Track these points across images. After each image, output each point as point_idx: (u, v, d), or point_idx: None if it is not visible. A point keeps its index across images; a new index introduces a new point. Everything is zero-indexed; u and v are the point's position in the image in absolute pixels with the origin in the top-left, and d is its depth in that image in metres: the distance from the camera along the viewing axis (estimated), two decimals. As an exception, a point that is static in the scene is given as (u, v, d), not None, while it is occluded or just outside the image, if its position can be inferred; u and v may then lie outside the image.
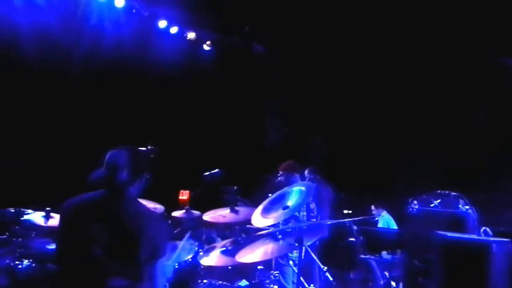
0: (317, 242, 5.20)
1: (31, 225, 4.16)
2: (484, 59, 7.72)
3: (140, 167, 2.80)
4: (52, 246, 4.07)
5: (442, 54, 7.91)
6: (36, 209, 4.29)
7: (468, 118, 8.08)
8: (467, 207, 4.46)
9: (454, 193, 4.65)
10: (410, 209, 4.64)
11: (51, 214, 4.16)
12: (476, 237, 3.75)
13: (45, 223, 4.15)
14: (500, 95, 7.78)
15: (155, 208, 4.33)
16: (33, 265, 4.00)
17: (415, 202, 4.66)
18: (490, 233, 4.01)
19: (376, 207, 8.04)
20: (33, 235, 4.22)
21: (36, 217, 4.23)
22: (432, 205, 4.68)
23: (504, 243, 3.46)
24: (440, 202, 4.67)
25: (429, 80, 8.21)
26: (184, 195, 6.17)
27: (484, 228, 4.09)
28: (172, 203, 5.67)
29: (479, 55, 7.75)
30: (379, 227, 7.69)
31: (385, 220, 7.86)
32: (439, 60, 7.99)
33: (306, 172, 6.10)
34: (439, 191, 4.73)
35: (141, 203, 2.83)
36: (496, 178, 7.47)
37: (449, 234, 3.67)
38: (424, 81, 8.27)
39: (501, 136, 7.66)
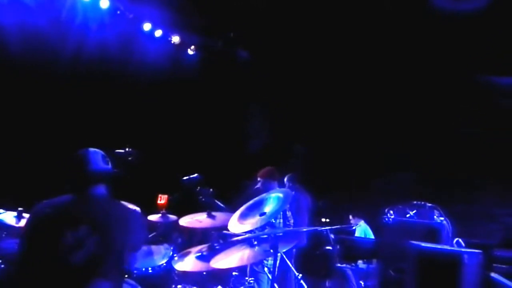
0: (294, 250, 5.21)
1: (2, 225, 4.07)
2: (464, 74, 7.88)
3: (111, 167, 2.78)
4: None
5: (422, 67, 8.04)
6: (7, 208, 4.21)
7: (446, 131, 8.22)
8: (441, 218, 4.53)
9: (429, 204, 4.72)
10: (386, 219, 4.70)
11: (23, 214, 4.08)
12: (449, 248, 3.80)
13: (17, 223, 4.06)
14: (480, 109, 7.95)
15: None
16: (2, 266, 3.91)
17: (391, 212, 4.71)
18: (463, 244, 4.07)
19: (353, 217, 8.10)
20: (3, 235, 4.13)
21: (7, 217, 4.13)
22: (407, 215, 4.74)
23: (476, 254, 3.51)
24: (415, 212, 4.73)
25: (409, 91, 8.33)
26: (162, 199, 6.11)
27: (457, 239, 4.15)
28: (150, 207, 5.61)
29: (460, 69, 7.90)
30: (355, 236, 7.74)
31: (362, 229, 7.91)
32: (419, 72, 8.12)
33: (285, 179, 6.12)
34: (414, 202, 4.80)
35: (115, 201, 2.80)
36: (471, 190, 7.61)
37: (423, 244, 3.71)
38: (405, 92, 8.39)
39: (478, 149, 7.81)
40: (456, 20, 6.83)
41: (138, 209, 3.55)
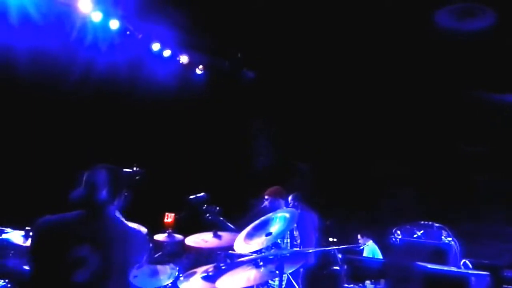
0: (301, 269, 5.18)
1: (9, 244, 4.10)
2: (470, 93, 7.88)
3: (120, 186, 2.80)
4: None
5: (428, 86, 8.06)
6: (15, 228, 4.24)
7: (453, 150, 8.18)
8: (449, 238, 4.50)
9: (437, 224, 4.70)
10: (394, 239, 4.67)
11: (31, 233, 4.10)
12: (456, 270, 3.77)
13: (24, 242, 4.09)
14: (485, 128, 7.92)
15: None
16: (9, 285, 3.92)
17: (398, 232, 4.68)
18: (470, 266, 4.02)
19: (362, 236, 8.05)
20: (10, 254, 4.15)
21: (15, 236, 4.17)
22: (415, 235, 4.71)
23: (483, 276, 3.47)
24: (423, 233, 4.70)
25: (415, 111, 8.34)
26: (169, 218, 6.12)
27: (464, 260, 4.11)
28: (157, 226, 5.62)
29: (465, 88, 7.91)
30: (363, 256, 7.67)
31: (370, 249, 7.85)
32: (425, 91, 8.14)
33: (290, 198, 6.10)
34: (422, 222, 4.77)
35: (122, 222, 2.82)
36: (480, 210, 7.54)
37: (430, 266, 3.67)
38: (410, 112, 8.40)
39: (486, 168, 7.76)
40: (457, 38, 6.88)
41: (144, 229, 3.58)
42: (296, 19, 7.20)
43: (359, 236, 8.08)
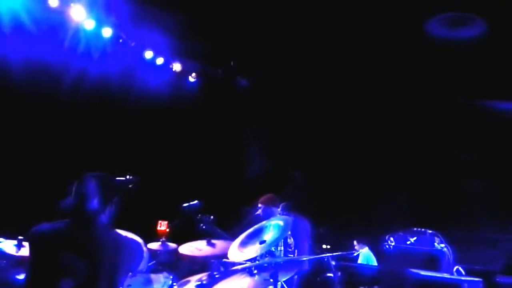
0: (295, 277, 5.17)
1: (2, 254, 4.07)
2: (461, 100, 7.96)
3: (110, 194, 2.79)
4: (22, 276, 3.97)
5: (421, 94, 8.14)
6: (7, 237, 4.21)
7: (445, 157, 8.24)
8: (442, 245, 4.53)
9: (430, 231, 4.72)
10: (387, 246, 4.69)
11: (23, 243, 4.08)
12: (449, 276, 3.79)
13: (17, 252, 4.06)
14: (477, 135, 8.00)
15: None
16: (1, 295, 3.89)
17: (392, 239, 4.70)
18: (463, 272, 4.05)
19: (358, 243, 8.03)
20: (3, 264, 4.11)
21: (7, 245, 4.14)
22: (408, 242, 4.73)
23: (476, 282, 3.50)
24: (416, 239, 4.72)
25: (407, 118, 8.40)
26: (162, 226, 6.10)
27: (457, 267, 4.13)
28: (151, 234, 5.60)
29: (459, 96, 7.99)
30: (357, 263, 7.67)
31: (365, 256, 7.85)
32: (416, 99, 8.21)
33: (279, 208, 6.08)
34: (415, 229, 4.80)
35: (113, 230, 2.81)
36: (472, 216, 7.59)
37: (423, 272, 3.69)
38: (403, 120, 8.46)
39: (478, 175, 7.82)
40: (449, 46, 6.96)
41: (136, 238, 3.57)
42: (289, 27, 7.25)
43: (355, 243, 8.07)
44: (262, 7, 6.72)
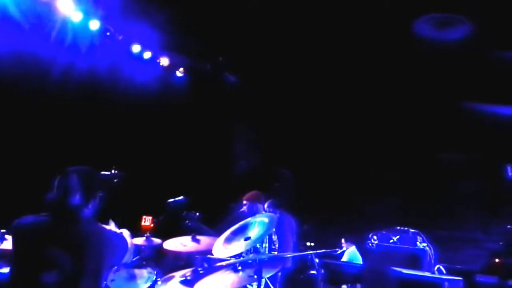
0: (279, 274, 5.20)
1: (-17, 247, 4.03)
2: (447, 101, 8.05)
3: (94, 189, 2.79)
4: (4, 270, 3.94)
5: (407, 95, 8.21)
6: (-11, 230, 4.16)
7: (430, 157, 8.34)
8: (424, 244, 4.60)
9: (412, 230, 4.80)
10: (370, 244, 4.75)
11: (6, 236, 4.04)
12: (430, 275, 3.85)
13: (-1, 245, 4.03)
14: (463, 136, 8.10)
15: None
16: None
17: (375, 237, 4.77)
18: (444, 271, 4.12)
19: (346, 241, 8.05)
20: (-15, 257, 4.08)
21: (-11, 238, 4.09)
22: (391, 241, 4.80)
23: (456, 281, 3.56)
24: (399, 238, 4.80)
25: (396, 118, 8.48)
26: (146, 221, 6.08)
27: (438, 266, 4.20)
28: (135, 229, 5.58)
29: (444, 96, 8.08)
30: (340, 261, 7.71)
31: (350, 254, 7.88)
32: (403, 100, 8.29)
33: (265, 205, 6.11)
34: (398, 228, 4.87)
35: (97, 224, 2.80)
36: (455, 216, 7.70)
37: (405, 271, 3.75)
38: (391, 118, 8.54)
39: (462, 176, 7.93)
40: (441, 48, 7.03)
41: (123, 230, 3.56)
42: (278, 23, 7.26)
43: (343, 240, 8.09)
44: (251, 3, 6.72)
